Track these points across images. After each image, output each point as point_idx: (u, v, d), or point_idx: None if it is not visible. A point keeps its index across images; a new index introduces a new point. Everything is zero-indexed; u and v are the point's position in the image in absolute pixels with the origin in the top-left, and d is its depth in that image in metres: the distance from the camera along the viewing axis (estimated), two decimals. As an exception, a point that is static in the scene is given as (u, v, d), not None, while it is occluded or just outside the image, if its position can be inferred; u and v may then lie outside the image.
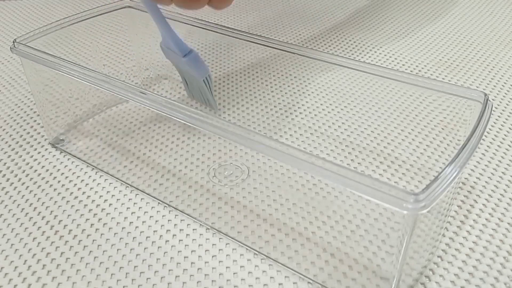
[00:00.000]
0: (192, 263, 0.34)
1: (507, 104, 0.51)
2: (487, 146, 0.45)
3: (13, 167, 0.43)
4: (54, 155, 0.45)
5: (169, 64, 0.52)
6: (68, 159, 0.44)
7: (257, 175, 0.41)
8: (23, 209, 0.39)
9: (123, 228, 0.37)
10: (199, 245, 0.35)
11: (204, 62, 0.44)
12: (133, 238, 0.36)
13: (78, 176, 0.42)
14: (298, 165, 0.27)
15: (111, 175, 0.42)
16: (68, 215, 0.38)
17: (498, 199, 0.39)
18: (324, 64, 0.40)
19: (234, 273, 0.33)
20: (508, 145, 0.45)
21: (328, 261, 0.34)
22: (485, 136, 0.47)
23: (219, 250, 0.35)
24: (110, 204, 0.39)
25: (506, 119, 0.49)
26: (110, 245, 0.35)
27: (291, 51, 0.41)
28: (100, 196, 0.40)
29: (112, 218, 0.38)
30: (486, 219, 0.37)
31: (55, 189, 0.41)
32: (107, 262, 0.34)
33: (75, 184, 0.41)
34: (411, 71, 0.58)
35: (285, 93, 0.53)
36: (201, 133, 0.47)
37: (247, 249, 0.35)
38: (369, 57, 0.61)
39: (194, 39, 0.62)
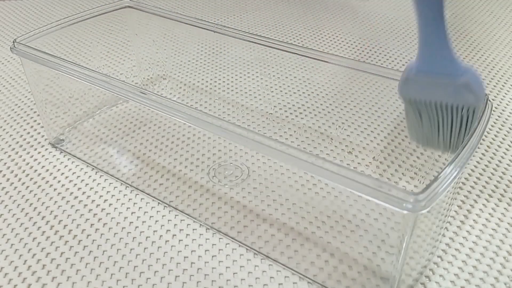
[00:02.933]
0: (192, 263, 0.34)
1: (507, 104, 0.51)
2: (487, 146, 0.45)
3: (13, 167, 0.43)
4: (54, 155, 0.45)
5: (169, 64, 0.52)
6: (68, 159, 0.44)
7: (257, 175, 0.41)
8: (23, 209, 0.39)
9: (123, 228, 0.37)
10: (199, 245, 0.35)
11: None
12: (133, 238, 0.36)
13: (78, 176, 0.42)
14: (298, 165, 0.27)
15: (111, 175, 0.42)
16: (68, 215, 0.38)
17: (498, 199, 0.39)
18: (323, 64, 0.40)
19: (234, 273, 0.33)
20: (508, 145, 0.45)
21: (327, 261, 0.34)
22: (485, 136, 0.47)
23: (219, 250, 0.35)
24: (110, 204, 0.39)
25: (506, 119, 0.49)
26: (110, 245, 0.35)
27: (291, 51, 0.41)
28: (100, 196, 0.40)
29: (112, 218, 0.38)
30: (486, 219, 0.37)
31: (55, 189, 0.41)
32: (107, 262, 0.34)
33: (75, 184, 0.41)
34: (411, 71, 0.57)
35: (285, 93, 0.53)
36: (201, 133, 0.47)
37: (247, 249, 0.35)
38: (369, 57, 0.61)
39: (194, 39, 0.62)
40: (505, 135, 0.47)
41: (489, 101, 0.32)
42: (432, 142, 0.32)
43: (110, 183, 0.41)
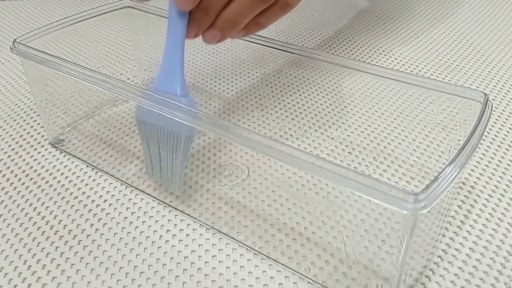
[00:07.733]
0: (192, 263, 0.34)
1: (507, 104, 0.51)
2: (487, 146, 0.45)
3: (13, 167, 0.43)
4: (54, 155, 0.45)
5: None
6: (68, 159, 0.44)
7: (257, 175, 0.41)
8: (23, 209, 0.39)
9: (123, 228, 0.37)
10: (199, 245, 0.35)
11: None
12: (133, 238, 0.36)
13: (78, 176, 0.42)
14: (298, 165, 0.27)
15: (111, 175, 0.42)
16: (68, 215, 0.38)
17: (498, 199, 0.39)
18: (324, 64, 0.40)
19: (234, 273, 0.33)
20: (508, 145, 0.45)
21: (328, 261, 0.34)
22: (485, 136, 0.46)
23: (219, 250, 0.35)
24: (110, 204, 0.39)
25: (506, 119, 0.49)
26: (110, 245, 0.35)
27: (291, 51, 0.41)
28: (100, 196, 0.40)
29: (112, 218, 0.38)
30: (486, 219, 0.37)
31: (55, 189, 0.41)
32: (107, 262, 0.34)
33: (75, 184, 0.41)
34: (411, 71, 0.58)
35: (285, 93, 0.53)
36: (201, 133, 0.47)
37: (247, 249, 0.35)
38: (369, 57, 0.61)
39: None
40: (505, 135, 0.47)
41: (489, 101, 0.32)
42: (154, 175, 0.35)
43: (110, 183, 0.41)
